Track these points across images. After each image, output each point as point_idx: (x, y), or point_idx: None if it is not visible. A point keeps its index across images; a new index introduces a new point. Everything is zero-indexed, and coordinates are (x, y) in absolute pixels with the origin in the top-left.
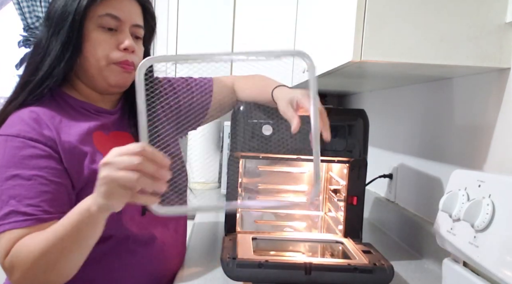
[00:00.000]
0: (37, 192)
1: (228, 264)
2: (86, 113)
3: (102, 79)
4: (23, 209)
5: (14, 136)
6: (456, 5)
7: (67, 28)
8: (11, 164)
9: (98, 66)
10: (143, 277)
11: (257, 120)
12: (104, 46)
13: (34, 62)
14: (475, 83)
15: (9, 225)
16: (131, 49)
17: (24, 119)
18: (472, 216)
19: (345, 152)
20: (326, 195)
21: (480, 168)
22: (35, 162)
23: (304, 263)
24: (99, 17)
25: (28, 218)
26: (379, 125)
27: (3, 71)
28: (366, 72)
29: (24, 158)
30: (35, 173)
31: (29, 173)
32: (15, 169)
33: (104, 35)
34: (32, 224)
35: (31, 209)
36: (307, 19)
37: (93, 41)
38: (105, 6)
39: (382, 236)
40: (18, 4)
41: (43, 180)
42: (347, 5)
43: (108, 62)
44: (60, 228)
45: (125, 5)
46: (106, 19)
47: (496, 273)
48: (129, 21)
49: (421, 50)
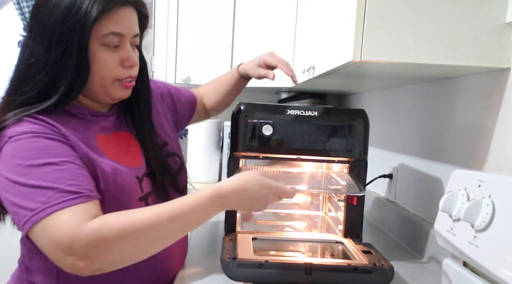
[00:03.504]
0: (74, 174)
1: (228, 264)
2: (84, 117)
3: (106, 95)
4: (68, 189)
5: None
6: (456, 5)
7: (76, 49)
8: (37, 155)
9: (104, 84)
10: (146, 277)
11: (257, 120)
12: (109, 64)
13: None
14: (475, 83)
15: (60, 204)
16: (135, 65)
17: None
18: (472, 216)
19: (345, 152)
20: (326, 195)
21: (480, 168)
22: (61, 151)
23: (304, 263)
24: (103, 36)
25: (76, 196)
26: (379, 125)
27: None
28: (366, 72)
29: (48, 147)
30: (64, 159)
31: (59, 159)
32: (43, 159)
33: (108, 53)
34: (83, 201)
35: (75, 187)
36: (307, 19)
37: (99, 60)
38: (108, 22)
39: (382, 236)
40: (18, 4)
41: (74, 165)
42: (347, 5)
43: (113, 80)
44: (175, 207)
45: (125, 17)
46: (109, 38)
47: (496, 273)
48: (129, 34)
49: (421, 50)
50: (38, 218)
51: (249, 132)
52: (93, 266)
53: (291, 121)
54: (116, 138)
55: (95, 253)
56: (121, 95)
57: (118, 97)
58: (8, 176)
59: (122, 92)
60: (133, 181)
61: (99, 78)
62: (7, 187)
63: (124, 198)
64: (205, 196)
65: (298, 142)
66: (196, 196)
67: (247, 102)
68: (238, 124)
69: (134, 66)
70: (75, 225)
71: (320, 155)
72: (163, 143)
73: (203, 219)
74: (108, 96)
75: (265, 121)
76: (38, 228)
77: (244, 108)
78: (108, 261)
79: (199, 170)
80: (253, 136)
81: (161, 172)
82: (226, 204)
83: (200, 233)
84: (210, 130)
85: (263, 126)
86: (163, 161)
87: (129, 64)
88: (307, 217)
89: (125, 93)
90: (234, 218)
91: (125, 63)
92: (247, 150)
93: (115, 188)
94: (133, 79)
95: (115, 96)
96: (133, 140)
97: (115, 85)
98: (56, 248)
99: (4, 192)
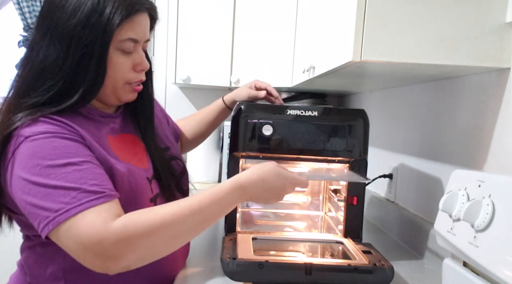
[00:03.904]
0: (94, 174)
1: (228, 264)
2: (94, 118)
3: (115, 98)
4: (91, 189)
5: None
6: (456, 5)
7: (97, 54)
8: (56, 155)
9: (115, 87)
10: (149, 279)
11: (257, 120)
12: (123, 69)
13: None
14: (475, 83)
15: (85, 205)
16: (146, 69)
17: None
18: (472, 216)
19: (345, 152)
20: (326, 195)
21: (480, 168)
22: (79, 151)
23: (304, 263)
24: (121, 41)
25: (99, 196)
26: (379, 125)
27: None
28: (366, 72)
29: (66, 147)
30: (83, 159)
31: (78, 159)
32: (63, 159)
33: (123, 58)
34: (105, 201)
35: (97, 187)
36: (307, 19)
37: (114, 65)
38: (128, 28)
39: (382, 236)
40: (18, 4)
41: (93, 165)
42: (347, 5)
43: (124, 83)
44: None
45: (141, 23)
46: (127, 44)
47: (496, 273)
48: (143, 40)
49: (421, 50)
50: (63, 218)
51: (249, 132)
52: (121, 264)
53: (291, 121)
54: (123, 139)
55: (123, 251)
56: (129, 98)
57: (126, 99)
58: (27, 177)
59: (130, 95)
60: (144, 182)
61: (111, 82)
62: (25, 188)
63: (136, 198)
64: (225, 189)
65: (298, 142)
66: (217, 189)
67: (247, 102)
68: (238, 124)
69: (146, 70)
70: (102, 225)
71: (320, 155)
72: (166, 147)
73: (224, 211)
74: (116, 98)
75: (265, 121)
76: (63, 229)
77: (244, 108)
78: (135, 258)
79: (199, 170)
80: (253, 136)
81: (167, 174)
82: (245, 195)
83: None
84: None
85: (263, 126)
86: (167, 163)
87: (141, 68)
88: (307, 217)
89: (133, 96)
90: (234, 218)
91: (138, 68)
92: (247, 150)
93: (129, 188)
94: (142, 83)
95: (123, 99)
96: (138, 142)
97: (125, 88)
98: (84, 249)
99: (21, 193)
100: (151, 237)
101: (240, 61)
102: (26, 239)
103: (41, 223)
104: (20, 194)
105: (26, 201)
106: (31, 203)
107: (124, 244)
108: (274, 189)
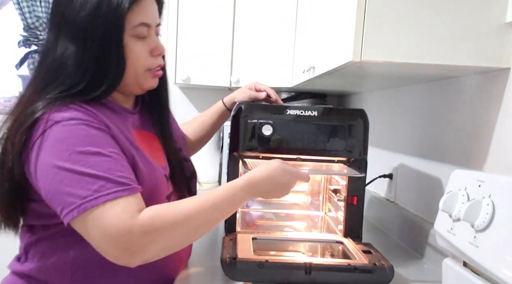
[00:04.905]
0: (122, 166)
1: (228, 264)
2: (117, 111)
3: (137, 86)
4: (119, 180)
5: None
6: (456, 5)
7: (114, 43)
8: (86, 142)
9: (136, 75)
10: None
11: (257, 120)
12: (142, 55)
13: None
14: (475, 83)
15: (113, 194)
16: (163, 53)
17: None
18: (472, 216)
19: (345, 152)
20: (326, 195)
21: (480, 168)
22: (107, 141)
23: (304, 263)
24: (134, 27)
25: (126, 187)
26: (379, 125)
27: (3, 71)
28: (366, 72)
29: (95, 136)
30: (111, 150)
31: (107, 150)
32: (92, 147)
33: (139, 44)
34: (131, 193)
35: (125, 179)
36: (307, 19)
37: (132, 52)
38: (138, 13)
39: (382, 236)
40: (18, 4)
41: (120, 157)
42: (347, 5)
43: (145, 70)
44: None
45: (150, 6)
46: (140, 29)
47: (496, 273)
48: (154, 23)
49: (421, 50)
50: (90, 205)
51: (249, 132)
52: (144, 257)
53: (291, 121)
54: (142, 136)
55: (148, 244)
56: (151, 84)
57: (148, 86)
58: (54, 162)
59: (152, 82)
60: (163, 179)
61: (132, 70)
62: (51, 172)
63: (155, 194)
64: (238, 186)
65: (298, 142)
66: (231, 186)
67: (247, 102)
68: (238, 124)
69: (163, 54)
70: (129, 217)
71: (320, 155)
72: (179, 148)
73: (236, 207)
74: (138, 87)
75: (265, 121)
76: (89, 217)
77: (244, 108)
78: (157, 251)
79: (199, 170)
80: (253, 136)
81: (180, 174)
82: (254, 192)
83: None
84: None
85: (263, 126)
86: (181, 164)
87: (158, 52)
88: (307, 217)
89: (154, 82)
90: (234, 218)
91: (155, 52)
92: (247, 150)
93: (150, 184)
94: (161, 68)
95: (145, 86)
96: (155, 140)
97: (146, 75)
98: (109, 240)
99: (45, 178)
100: (175, 231)
101: (240, 61)
102: (34, 231)
103: (65, 209)
104: (45, 178)
105: (50, 185)
106: (56, 188)
107: (149, 237)
108: (280, 184)
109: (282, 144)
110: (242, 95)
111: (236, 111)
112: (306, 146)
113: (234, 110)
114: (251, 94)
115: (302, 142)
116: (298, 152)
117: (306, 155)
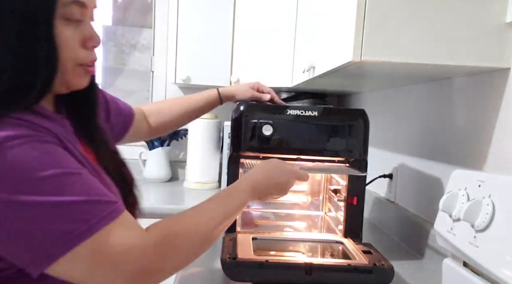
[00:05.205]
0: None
1: (228, 264)
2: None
3: (63, 84)
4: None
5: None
6: (456, 5)
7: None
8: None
9: (65, 70)
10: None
11: (257, 120)
12: (70, 44)
13: None
14: (475, 83)
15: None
16: (98, 45)
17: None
18: (472, 216)
19: (345, 152)
20: (326, 195)
21: (480, 168)
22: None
23: (304, 263)
24: (63, 5)
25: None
26: (379, 125)
27: None
28: (366, 72)
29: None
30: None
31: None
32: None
33: (69, 30)
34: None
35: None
36: (307, 19)
37: (60, 39)
38: None
39: (382, 236)
40: None
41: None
42: (347, 5)
43: (75, 64)
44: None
45: None
46: (72, 9)
47: (496, 273)
48: (91, 5)
49: (421, 50)
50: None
51: (249, 132)
52: (163, 276)
53: (291, 121)
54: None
55: (164, 262)
56: (81, 83)
57: (78, 85)
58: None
59: (83, 80)
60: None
61: (60, 64)
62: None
63: None
64: (241, 190)
65: (298, 142)
66: (234, 190)
67: (247, 102)
68: (238, 124)
69: (98, 46)
70: (138, 238)
71: (320, 155)
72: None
73: (240, 210)
74: (65, 85)
75: (265, 121)
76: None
77: (244, 108)
78: (172, 267)
79: (199, 170)
80: (253, 136)
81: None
82: (255, 195)
83: None
84: (210, 130)
85: (263, 126)
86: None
87: (93, 44)
88: (307, 217)
89: (85, 81)
90: None
91: (89, 43)
92: (247, 150)
93: None
94: (95, 63)
95: (74, 85)
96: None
97: (75, 71)
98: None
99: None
100: (189, 245)
101: (240, 61)
102: None
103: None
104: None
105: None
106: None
107: (164, 255)
108: (279, 184)
109: (282, 144)
110: (244, 94)
111: (237, 111)
112: (306, 146)
113: (234, 111)
114: (255, 95)
115: (302, 142)
116: (298, 152)
117: (306, 155)
